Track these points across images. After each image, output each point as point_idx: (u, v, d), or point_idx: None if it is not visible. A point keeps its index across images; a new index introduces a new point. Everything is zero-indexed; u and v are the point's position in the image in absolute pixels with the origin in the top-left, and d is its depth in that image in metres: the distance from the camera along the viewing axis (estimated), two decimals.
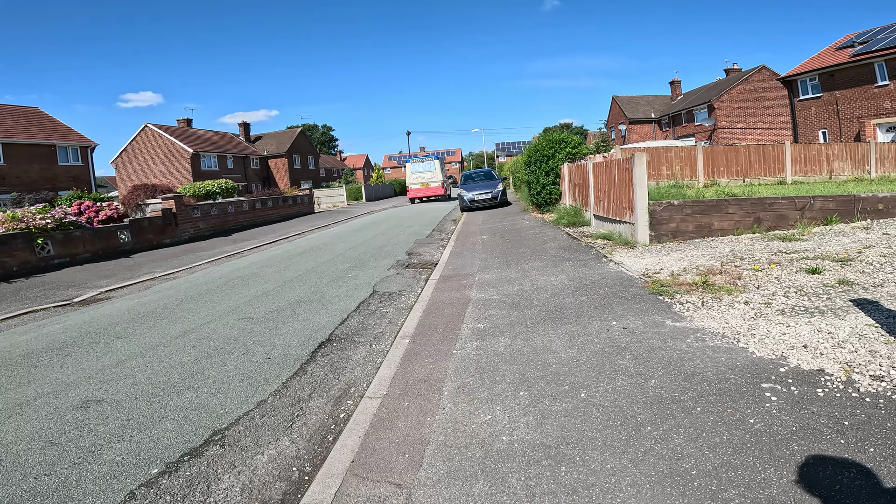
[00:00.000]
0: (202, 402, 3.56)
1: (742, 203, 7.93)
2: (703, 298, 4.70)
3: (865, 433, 2.25)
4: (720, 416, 2.55)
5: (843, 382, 2.79)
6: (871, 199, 7.98)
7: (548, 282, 6.08)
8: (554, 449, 2.41)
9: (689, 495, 1.96)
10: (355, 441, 2.70)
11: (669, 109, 39.30)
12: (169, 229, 15.87)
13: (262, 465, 2.67)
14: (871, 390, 2.66)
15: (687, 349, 3.52)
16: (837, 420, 2.39)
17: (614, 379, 3.14)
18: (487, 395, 3.11)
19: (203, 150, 37.19)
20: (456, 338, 4.36)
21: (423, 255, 9.93)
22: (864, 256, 5.68)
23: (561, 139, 13.91)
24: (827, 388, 2.74)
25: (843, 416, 2.42)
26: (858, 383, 2.76)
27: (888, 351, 3.14)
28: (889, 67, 19.78)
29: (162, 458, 2.79)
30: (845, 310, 4.02)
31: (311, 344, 4.76)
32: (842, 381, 2.81)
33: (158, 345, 5.05)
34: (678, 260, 6.53)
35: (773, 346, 3.43)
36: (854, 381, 2.80)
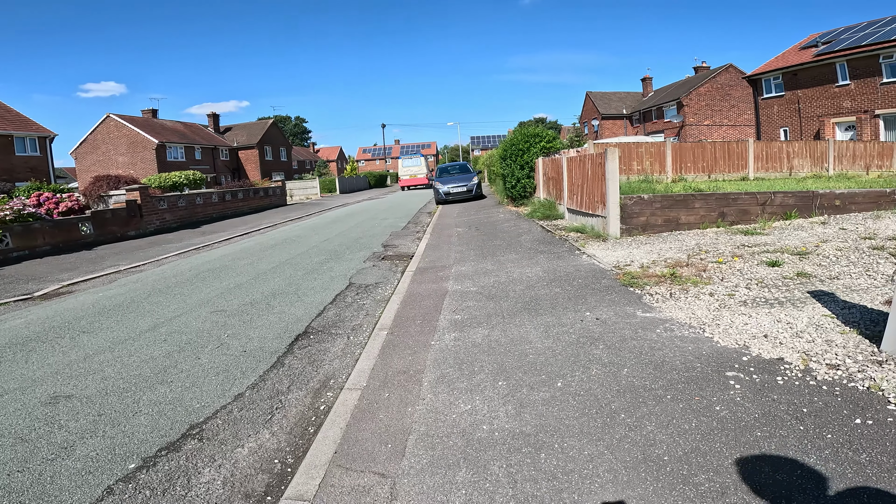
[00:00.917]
0: (177, 396, 3.50)
1: (707, 198, 8.22)
2: (671, 290, 4.88)
3: (823, 420, 2.39)
4: (689, 403, 2.68)
5: (801, 371, 2.96)
6: (829, 196, 8.39)
7: (523, 274, 6.19)
8: (533, 437, 2.49)
9: (662, 480, 2.07)
10: (337, 432, 2.72)
11: (640, 106, 40.13)
12: (133, 221, 15.35)
13: (243, 457, 2.66)
14: (828, 378, 2.82)
15: (657, 339, 3.66)
16: (797, 407, 2.54)
17: (589, 368, 3.25)
18: (467, 385, 3.17)
19: (169, 140, 36.17)
20: (434, 329, 4.40)
21: (399, 248, 9.92)
22: (821, 250, 5.99)
23: (536, 133, 14.06)
24: (786, 377, 2.90)
25: (801, 404, 2.57)
26: (816, 372, 2.93)
27: (843, 340, 3.34)
28: (850, 67, 20.63)
29: (138, 453, 2.75)
30: (803, 301, 4.25)
31: (288, 337, 4.72)
32: (800, 369, 2.99)
33: (127, 339, 4.92)
34: (648, 253, 6.74)
35: (736, 335, 3.61)
36: (812, 369, 2.97)
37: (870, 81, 19.81)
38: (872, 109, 19.74)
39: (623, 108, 41.99)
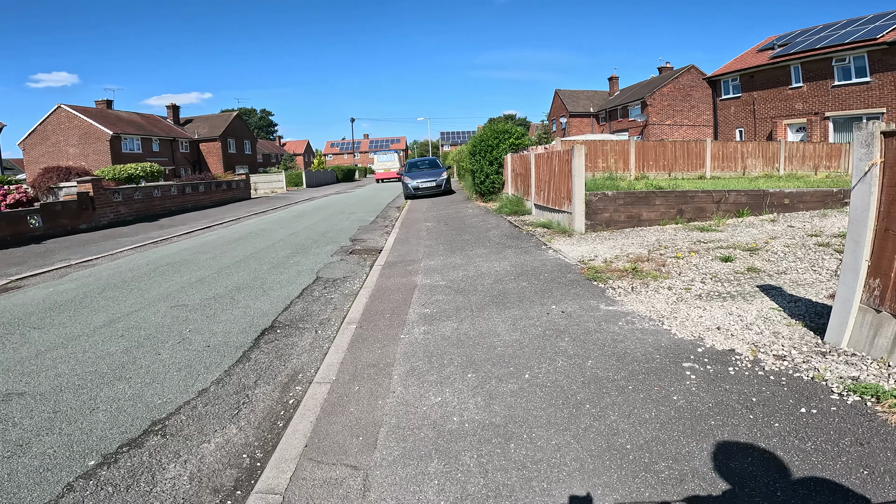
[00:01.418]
0: (136, 392, 3.40)
1: (667, 195, 8.53)
2: (632, 284, 5.06)
3: (771, 409, 2.53)
4: (648, 393, 2.80)
5: (750, 362, 3.14)
6: (778, 195, 8.86)
7: (491, 268, 6.28)
8: (503, 427, 2.56)
9: (625, 468, 2.16)
10: (307, 426, 2.71)
11: (607, 105, 41.04)
12: (85, 214, 14.64)
13: (210, 453, 2.62)
14: (775, 369, 3.00)
15: (619, 331, 3.80)
16: (746, 397, 2.69)
17: (555, 360, 3.35)
18: (437, 378, 3.21)
19: (124, 132, 34.80)
20: (403, 323, 4.42)
21: (367, 242, 9.86)
22: (770, 246, 6.33)
23: (505, 130, 14.20)
24: (737, 367, 3.06)
25: (751, 393, 2.72)
26: (764, 362, 3.11)
27: (790, 332, 3.56)
28: (804, 70, 21.61)
29: (98, 450, 2.67)
30: (753, 295, 4.49)
31: (254, 331, 4.64)
32: (749, 360, 3.16)
33: (81, 335, 4.72)
34: (611, 248, 6.95)
35: (692, 328, 3.79)
36: (760, 360, 3.15)
37: (821, 84, 20.86)
38: (823, 112, 20.85)
39: (590, 106, 42.85)
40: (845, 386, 2.69)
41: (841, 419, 2.38)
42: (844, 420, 2.37)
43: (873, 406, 2.47)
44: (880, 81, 18.35)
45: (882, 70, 18.23)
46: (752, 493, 1.90)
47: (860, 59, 19.10)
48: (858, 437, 2.22)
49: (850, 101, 19.64)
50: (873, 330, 3.06)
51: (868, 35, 18.74)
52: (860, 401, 2.53)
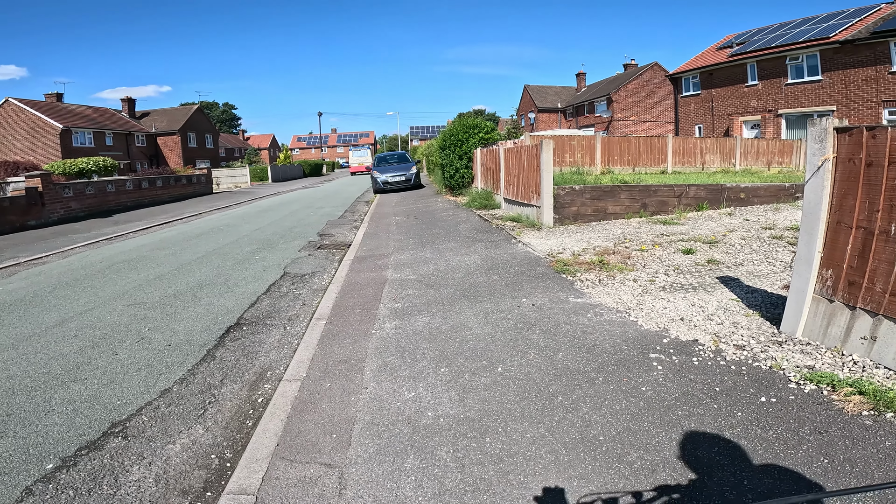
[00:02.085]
0: (93, 393, 3.24)
1: (632, 190, 8.75)
2: (599, 276, 5.17)
3: (733, 398, 2.61)
4: (618, 385, 2.87)
5: (713, 352, 3.24)
6: (735, 189, 9.22)
7: (462, 262, 6.29)
8: (478, 422, 2.56)
9: (599, 459, 2.19)
10: (278, 425, 2.64)
11: (574, 100, 41.68)
12: (34, 210, 13.87)
13: (176, 454, 2.52)
14: (736, 358, 3.11)
15: (588, 323, 3.88)
16: (710, 386, 2.77)
17: (527, 353, 3.39)
18: (410, 373, 3.20)
19: (76, 126, 33.36)
20: (374, 318, 4.38)
21: (335, 237, 9.70)
22: (728, 239, 6.59)
23: (475, 125, 14.22)
24: (700, 357, 3.16)
25: (714, 383, 2.80)
26: (725, 352, 3.21)
27: (748, 323, 3.71)
28: (759, 68, 22.42)
29: (55, 453, 2.55)
30: (713, 286, 4.66)
31: (218, 329, 4.50)
32: (712, 350, 3.27)
33: (32, 335, 4.46)
34: (579, 241, 7.08)
35: (657, 319, 3.90)
36: (721, 350, 3.26)
37: (776, 82, 21.72)
38: (776, 109, 21.77)
39: (558, 101, 43.44)
40: (802, 375, 2.80)
41: (800, 408, 2.47)
42: (803, 409, 2.46)
43: (829, 394, 2.59)
44: (831, 80, 19.29)
45: (833, 69, 19.16)
46: (721, 482, 1.97)
47: (813, 57, 19.99)
48: (817, 425, 2.32)
49: (802, 99, 20.59)
50: (826, 319, 3.23)
51: (821, 34, 19.64)
52: (817, 389, 2.64)
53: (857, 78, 18.43)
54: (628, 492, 1.95)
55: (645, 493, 1.94)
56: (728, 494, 1.90)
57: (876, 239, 2.90)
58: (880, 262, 2.88)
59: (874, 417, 2.34)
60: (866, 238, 2.98)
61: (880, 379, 2.69)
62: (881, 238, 2.88)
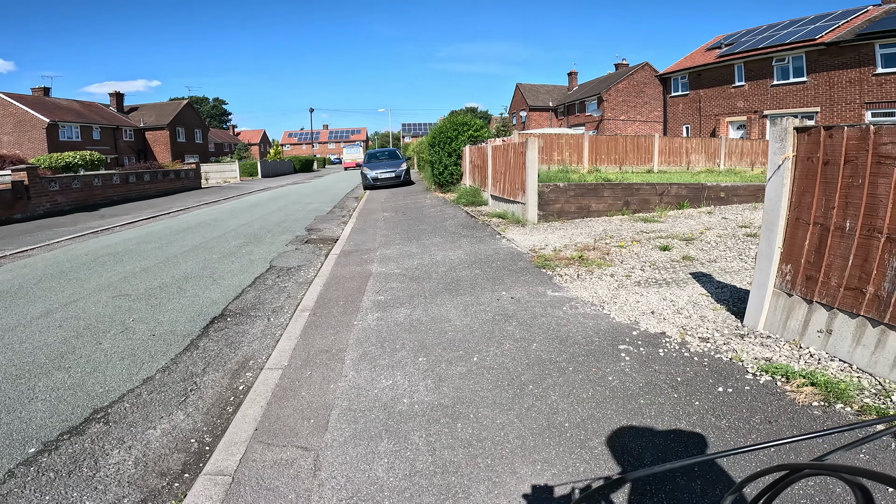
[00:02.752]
0: (76, 381, 3.31)
1: (615, 188, 8.91)
2: (578, 271, 5.31)
3: (693, 388, 2.74)
4: (587, 374, 2.99)
5: (678, 344, 3.38)
6: (716, 188, 9.42)
7: (446, 256, 6.40)
8: (451, 408, 2.67)
9: (563, 444, 2.31)
10: (257, 410, 2.74)
11: (565, 99, 41.87)
12: (20, 203, 13.76)
13: (156, 438, 2.61)
14: (699, 350, 3.25)
15: (563, 316, 4.00)
16: (672, 377, 2.90)
17: (502, 343, 3.50)
18: (388, 362, 3.30)
19: (63, 119, 33.08)
20: (357, 310, 4.47)
21: (323, 231, 9.76)
22: (705, 236, 6.77)
23: (464, 122, 14.30)
24: (666, 349, 3.30)
25: (677, 373, 2.93)
26: (690, 344, 3.35)
27: (714, 316, 3.86)
28: (746, 69, 22.70)
29: (38, 438, 2.62)
30: (686, 281, 4.82)
31: (202, 319, 4.57)
32: (678, 342, 3.41)
33: (17, 325, 4.50)
34: (561, 237, 7.22)
35: (629, 312, 4.04)
36: (686, 342, 3.40)
37: (762, 83, 22.03)
38: (762, 110, 22.10)
39: (550, 100, 43.61)
40: (759, 366, 2.95)
41: (753, 398, 2.60)
42: (756, 399, 2.59)
43: (783, 385, 2.72)
44: (816, 81, 19.62)
45: (819, 70, 19.48)
46: (673, 469, 2.09)
47: (798, 59, 20.29)
48: (768, 415, 2.45)
49: (787, 100, 20.92)
50: (786, 313, 3.38)
51: (808, 36, 19.96)
52: (771, 380, 2.78)
53: (841, 80, 18.77)
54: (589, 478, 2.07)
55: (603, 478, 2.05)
56: (679, 480, 2.02)
57: (831, 235, 3.05)
58: (835, 257, 3.04)
59: (823, 408, 2.46)
60: (822, 234, 3.13)
61: (834, 371, 2.83)
62: (836, 234, 3.03)
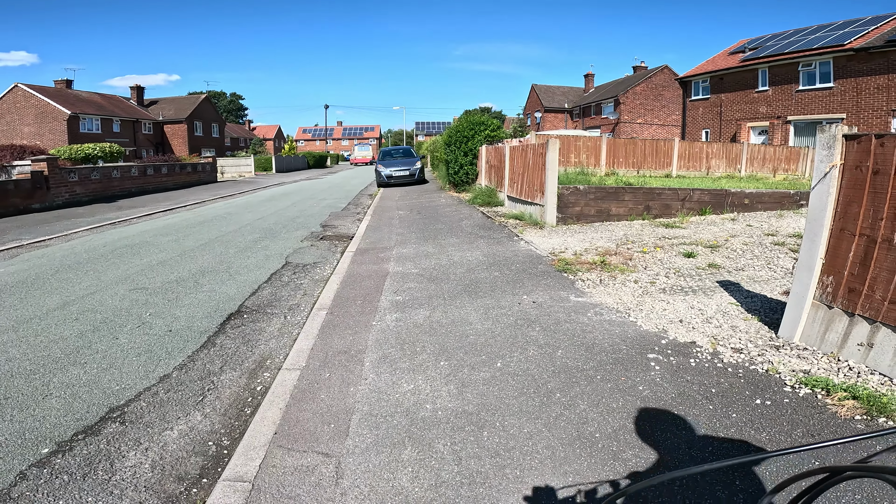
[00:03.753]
0: (92, 378, 3.26)
1: (636, 192, 8.73)
2: (601, 276, 5.17)
3: (729, 400, 2.62)
4: (616, 383, 2.88)
5: (710, 354, 3.26)
6: (739, 195, 9.20)
7: (464, 257, 6.29)
8: (475, 416, 2.57)
9: (595, 456, 2.20)
10: (276, 413, 2.66)
11: (581, 101, 41.55)
12: (39, 193, 13.94)
13: (173, 440, 2.54)
14: (733, 361, 3.12)
15: (588, 322, 3.88)
16: (706, 388, 2.78)
17: (526, 349, 3.40)
18: (409, 366, 3.21)
19: (83, 112, 33.77)
20: (375, 310, 4.39)
21: (338, 228, 9.71)
22: (730, 244, 6.58)
23: (481, 122, 14.18)
24: (698, 359, 3.17)
25: (710, 384, 2.82)
26: (722, 355, 3.23)
27: (746, 326, 3.72)
28: (771, 74, 22.22)
29: (52, 438, 2.55)
30: (713, 290, 4.66)
31: (219, 315, 4.52)
32: (709, 352, 3.28)
33: (33, 318, 4.49)
34: (581, 241, 7.08)
35: (656, 320, 3.90)
36: (719, 352, 3.27)
37: (786, 88, 21.53)
38: (785, 115, 21.64)
39: (565, 102, 43.30)
40: (797, 379, 2.82)
41: (793, 410, 2.49)
42: (796, 411, 2.48)
43: (823, 398, 2.61)
44: (843, 87, 19.18)
45: (846, 76, 19.04)
46: (713, 483, 1.98)
47: (826, 64, 19.85)
48: (810, 428, 2.33)
49: (811, 106, 20.48)
50: (825, 325, 3.23)
51: (836, 41, 19.51)
52: (811, 393, 2.66)
53: (868, 86, 18.33)
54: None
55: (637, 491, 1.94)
56: (719, 494, 1.91)
57: (878, 247, 2.90)
58: (881, 270, 2.88)
59: (866, 422, 2.37)
60: (869, 246, 2.98)
61: (875, 385, 2.71)
62: (883, 246, 2.88)
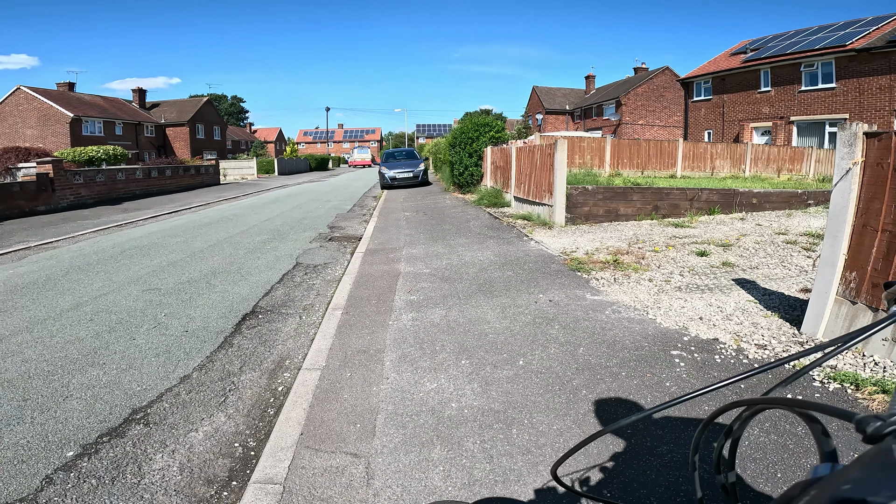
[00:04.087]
0: (112, 379, 3.24)
1: (644, 192, 8.71)
2: (614, 275, 5.15)
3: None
4: (642, 380, 2.86)
5: (734, 350, 3.25)
6: (747, 194, 9.17)
7: (475, 257, 6.27)
8: (503, 413, 2.55)
9: (629, 451, 2.17)
10: (300, 413, 2.63)
11: (582, 103, 41.55)
12: (44, 195, 13.94)
13: (199, 442, 2.51)
14: (758, 357, 3.11)
15: (606, 320, 3.86)
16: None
17: (547, 347, 3.37)
18: (430, 364, 3.18)
19: (86, 115, 33.79)
20: (390, 309, 4.37)
21: (345, 229, 9.70)
22: (742, 243, 6.56)
23: (486, 123, 14.17)
24: (722, 356, 3.17)
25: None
26: (747, 351, 3.22)
27: (767, 323, 3.70)
28: (773, 74, 22.18)
29: (75, 440, 2.52)
30: (729, 288, 4.64)
31: (234, 316, 4.50)
32: (733, 349, 3.27)
33: (47, 318, 4.47)
34: (591, 240, 7.05)
35: (675, 317, 3.88)
36: (743, 349, 3.26)
37: (789, 89, 21.48)
38: (788, 116, 21.61)
39: (566, 103, 43.30)
40: (825, 374, 2.81)
41: None
42: None
43: (853, 393, 2.59)
44: (845, 87, 19.16)
45: (848, 76, 19.02)
46: (755, 476, 1.96)
47: (828, 65, 19.82)
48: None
49: (814, 107, 20.45)
50: (848, 321, 3.21)
51: (838, 42, 19.50)
52: (840, 388, 2.65)
53: (871, 86, 18.31)
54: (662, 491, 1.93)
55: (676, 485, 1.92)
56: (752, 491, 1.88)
57: None
58: None
59: None
60: (892, 241, 2.95)
61: None
62: None
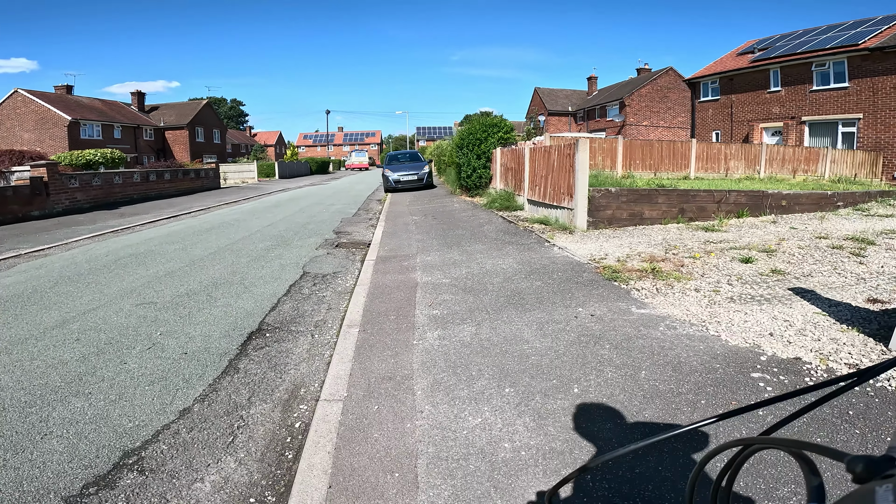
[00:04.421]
0: (99, 412, 2.78)
1: (670, 194, 8.27)
2: (655, 285, 4.70)
3: (874, 422, 2.22)
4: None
5: (824, 371, 2.80)
6: (777, 196, 8.73)
7: (496, 265, 5.82)
8: (569, 455, 2.10)
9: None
10: (325, 458, 2.17)
11: (585, 104, 41.17)
12: (38, 200, 13.48)
13: (206, 496, 2.05)
14: None
15: (662, 337, 3.40)
16: (841, 409, 2.34)
17: (602, 371, 2.92)
18: (468, 394, 2.73)
19: (84, 118, 33.45)
20: (412, 326, 3.91)
21: (352, 235, 9.25)
22: (784, 248, 6.10)
23: (494, 123, 13.74)
24: (813, 377, 2.73)
25: (844, 406, 2.38)
26: (838, 371, 2.79)
27: (848, 339, 3.24)
28: (783, 74, 21.77)
29: (56, 491, 2.06)
30: (789, 298, 4.19)
31: (239, 335, 4.03)
32: (822, 369, 2.83)
33: (28, 338, 4.01)
34: (619, 246, 6.60)
35: (741, 334, 3.43)
36: (833, 369, 2.82)
37: (800, 88, 21.06)
38: (799, 116, 21.18)
39: (569, 105, 42.92)
40: None
41: None
42: None
43: None
44: (858, 87, 18.77)
45: (861, 76, 18.63)
46: None
47: (840, 64, 19.44)
48: None
49: (826, 106, 20.05)
50: None
51: (849, 41, 19.12)
52: None
53: (885, 86, 17.92)
54: None
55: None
56: None
57: None
58: None
59: None
60: None
61: None
62: None
